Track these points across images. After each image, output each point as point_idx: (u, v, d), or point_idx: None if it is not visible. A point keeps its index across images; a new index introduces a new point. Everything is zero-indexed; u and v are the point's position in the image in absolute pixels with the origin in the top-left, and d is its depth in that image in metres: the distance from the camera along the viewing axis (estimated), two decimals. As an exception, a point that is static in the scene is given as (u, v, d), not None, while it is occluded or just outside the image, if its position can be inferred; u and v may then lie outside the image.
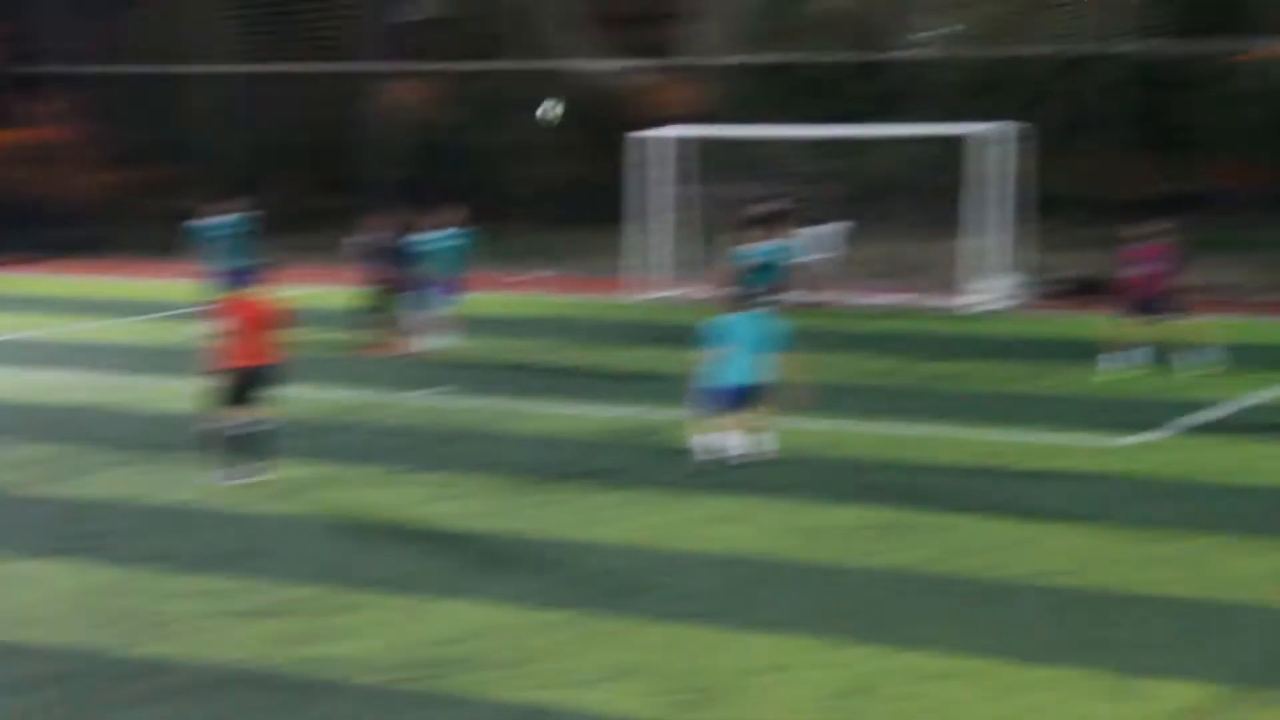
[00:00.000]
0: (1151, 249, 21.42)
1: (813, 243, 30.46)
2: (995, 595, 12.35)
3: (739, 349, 16.43)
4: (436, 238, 24.54)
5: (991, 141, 26.39)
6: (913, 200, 30.50)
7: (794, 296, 26.87)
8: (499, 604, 12.53)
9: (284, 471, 16.82)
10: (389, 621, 12.22)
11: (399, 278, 24.11)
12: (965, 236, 28.66)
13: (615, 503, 15.44)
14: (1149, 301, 21.03)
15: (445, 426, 19.03)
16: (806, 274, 29.93)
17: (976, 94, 33.11)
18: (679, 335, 24.51)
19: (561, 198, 35.50)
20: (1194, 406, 18.73)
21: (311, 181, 39.92)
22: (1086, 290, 27.97)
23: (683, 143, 30.27)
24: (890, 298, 27.87)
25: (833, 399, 19.88)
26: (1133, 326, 21.02)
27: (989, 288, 26.36)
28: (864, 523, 14.43)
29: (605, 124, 38.68)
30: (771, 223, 24.60)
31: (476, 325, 26.56)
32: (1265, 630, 11.37)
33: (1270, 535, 13.56)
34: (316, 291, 28.29)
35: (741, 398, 16.51)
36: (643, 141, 28.87)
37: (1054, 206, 33.82)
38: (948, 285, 27.85)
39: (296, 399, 19.54)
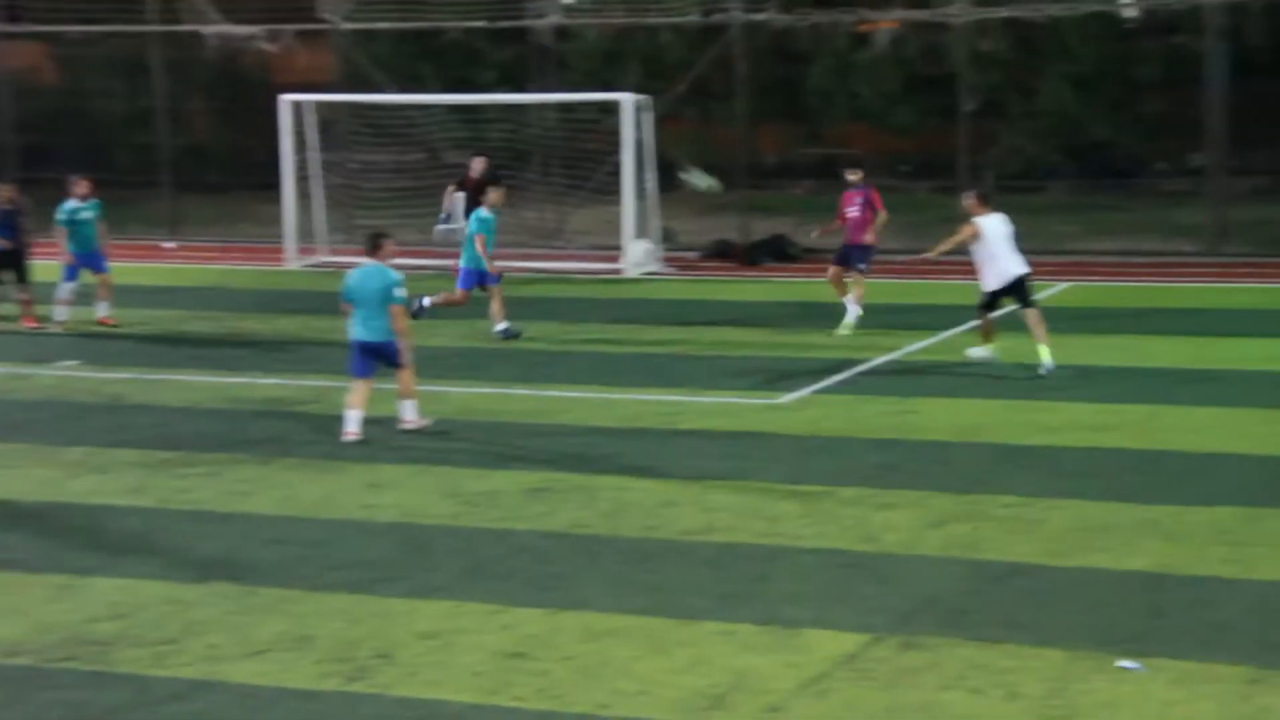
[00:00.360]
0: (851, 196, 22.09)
1: (455, 210, 30.51)
2: (654, 554, 12.58)
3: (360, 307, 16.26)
4: (73, 208, 23.46)
5: (625, 109, 26.76)
6: (549, 168, 30.78)
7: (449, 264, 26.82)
8: (150, 580, 12.17)
9: (-91, 450, 16.03)
10: (33, 602, 11.74)
11: (14, 248, 23.10)
12: (603, 204, 29.11)
13: (270, 473, 15.15)
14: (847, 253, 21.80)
15: (84, 401, 18.36)
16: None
17: (609, 62, 33.60)
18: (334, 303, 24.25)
19: (203, 164, 34.58)
20: (843, 365, 19.40)
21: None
22: (725, 254, 28.71)
23: (329, 108, 29.85)
24: (534, 263, 28.03)
25: (489, 364, 20.00)
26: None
27: (632, 253, 26.76)
28: (522, 486, 14.51)
29: (242, 89, 37.87)
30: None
31: (120, 295, 25.71)
32: (914, 578, 11.88)
33: (917, 488, 14.16)
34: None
35: (365, 358, 16.30)
36: (290, 106, 28.30)
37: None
38: (576, 249, 28.23)
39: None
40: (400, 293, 16.29)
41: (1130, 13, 33.20)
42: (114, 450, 16.04)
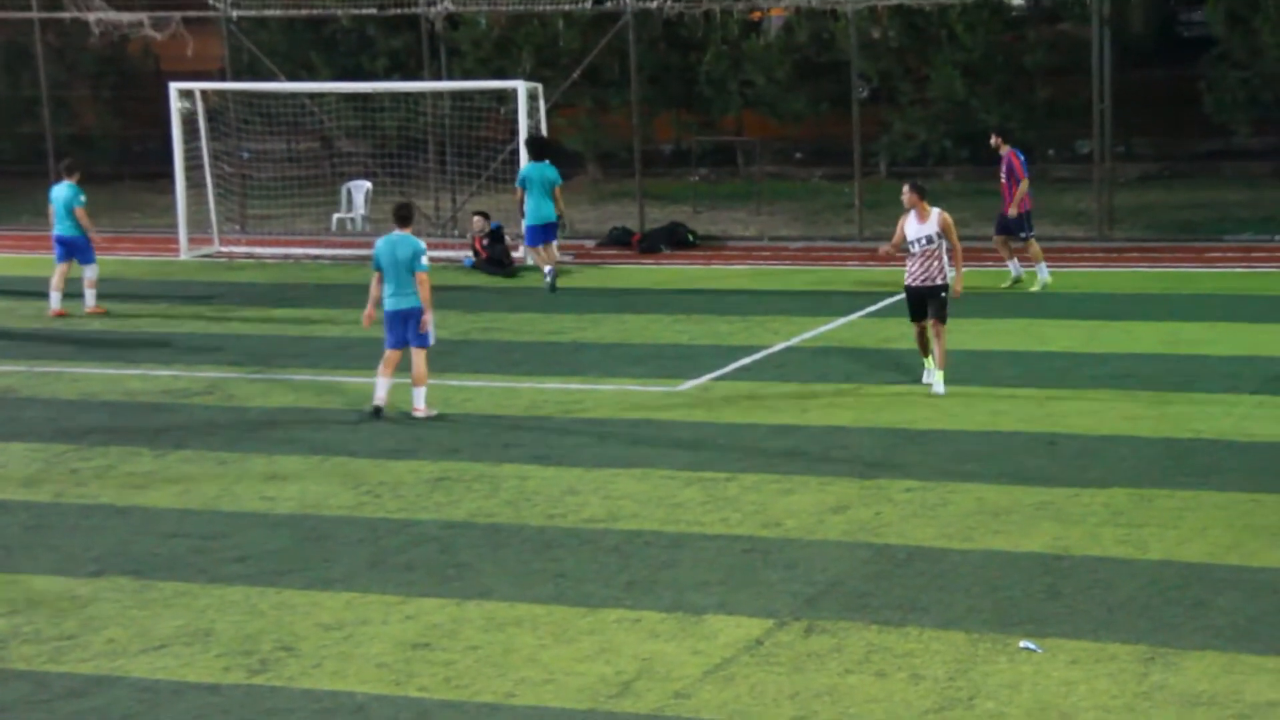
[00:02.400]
0: None
1: (345, 199, 30.32)
2: (558, 542, 12.58)
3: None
4: None
5: (517, 96, 26.68)
6: (443, 156, 30.62)
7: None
8: (45, 575, 12.02)
9: None
10: (-72, 600, 11.55)
11: None
12: (499, 192, 29.00)
13: (166, 465, 14.97)
14: None
15: (-30, 393, 18.06)
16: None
17: (501, 50, 33.46)
18: (234, 293, 24.01)
19: (90, 153, 34.03)
20: (742, 351, 19.47)
21: None
22: (622, 242, 28.70)
23: (216, 97, 29.51)
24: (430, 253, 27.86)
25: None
26: None
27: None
28: (424, 476, 14.45)
29: (129, 77, 37.34)
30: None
31: (6, 286, 25.31)
32: (817, 563, 11.96)
33: (818, 473, 14.25)
34: None
35: (395, 327, 16.58)
36: (180, 95, 27.94)
37: (575, 161, 34.64)
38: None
39: None
40: (425, 261, 16.40)
41: (1017, 1, 33.57)
42: (5, 444, 15.78)
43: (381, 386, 16.54)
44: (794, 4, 31.52)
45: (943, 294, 16.94)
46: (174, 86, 28.11)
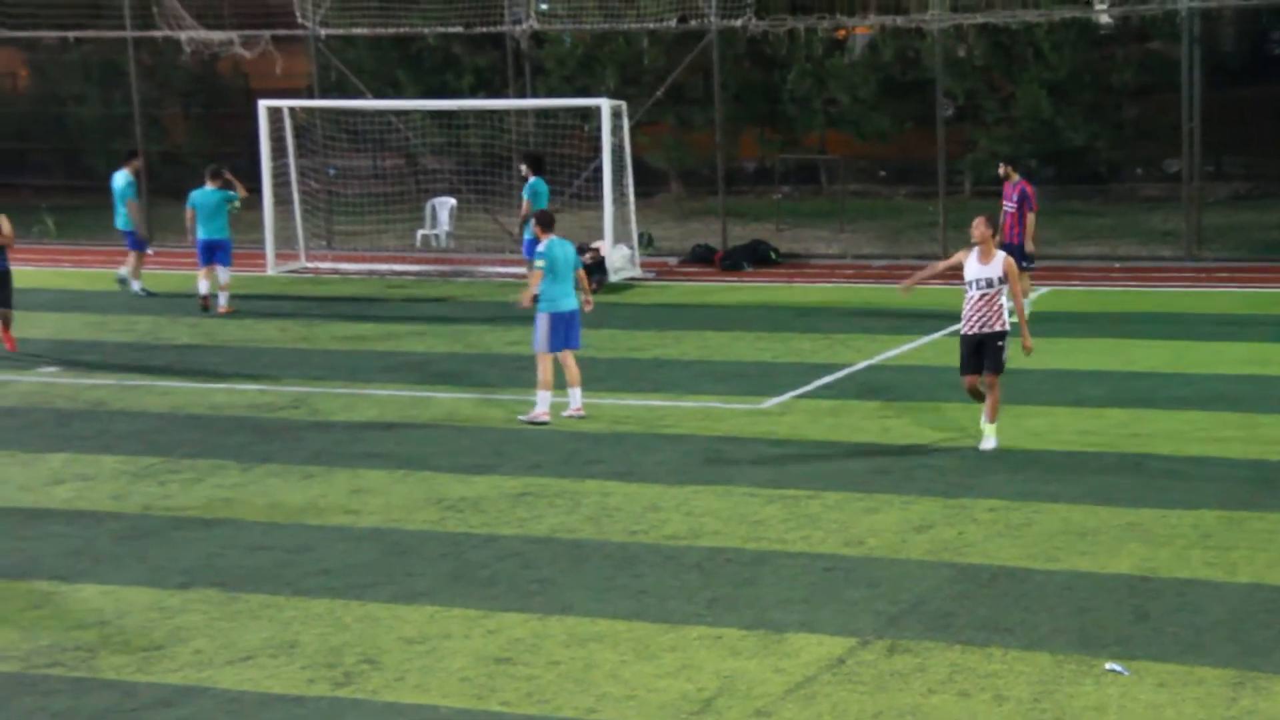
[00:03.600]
0: None
1: (430, 216, 30.53)
2: (640, 558, 12.58)
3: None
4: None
5: (603, 115, 26.77)
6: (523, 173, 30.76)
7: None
8: (134, 586, 12.16)
9: (-112, 457, 15.97)
10: (16, 609, 11.71)
11: None
12: (581, 209, 29.11)
13: (252, 479, 15.11)
14: None
15: (64, 407, 18.29)
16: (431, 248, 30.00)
17: (586, 68, 33.61)
18: (320, 308, 24.21)
19: (180, 170, 34.50)
20: (826, 369, 19.42)
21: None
22: (705, 259, 28.71)
23: (304, 114, 29.83)
24: (512, 269, 28.01)
25: (473, 370, 19.96)
26: None
27: (611, 258, 26.74)
28: (506, 491, 14.50)
29: (219, 95, 37.81)
30: None
31: (96, 301, 25.66)
32: (900, 582, 11.89)
33: (901, 492, 14.19)
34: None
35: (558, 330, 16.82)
36: (268, 112, 28.25)
37: (658, 179, 34.71)
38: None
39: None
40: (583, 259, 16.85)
41: (1105, 19, 33.32)
42: (96, 457, 15.99)
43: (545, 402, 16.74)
44: (879, 22, 31.43)
45: (999, 343, 15.27)
46: (263, 104, 28.42)
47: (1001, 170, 22.63)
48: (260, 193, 28.36)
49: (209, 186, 24.49)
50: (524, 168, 24.51)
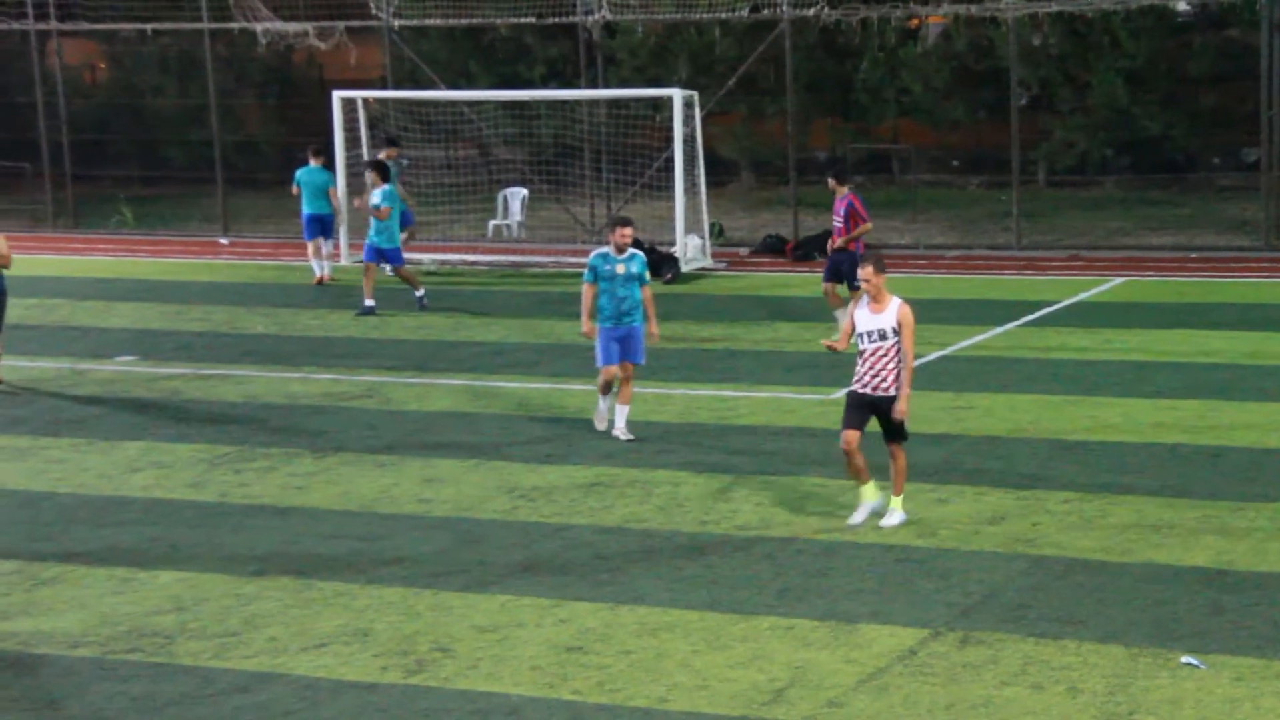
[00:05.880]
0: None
1: (502, 206, 30.63)
2: (711, 548, 12.58)
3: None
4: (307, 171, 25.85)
5: (675, 105, 26.75)
6: (598, 164, 30.79)
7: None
8: (210, 573, 12.28)
9: (-30, 444, 16.21)
10: (95, 595, 11.86)
11: None
12: (653, 200, 29.11)
13: (326, 467, 15.22)
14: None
15: (142, 395, 18.49)
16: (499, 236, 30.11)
17: (658, 58, 33.60)
18: (392, 298, 24.33)
19: (256, 160, 34.78)
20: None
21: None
22: (776, 250, 28.64)
23: (377, 105, 29.98)
24: (580, 259, 28.05)
25: (545, 360, 20.02)
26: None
27: (682, 249, 26.74)
28: (577, 481, 14.54)
29: (294, 86, 38.07)
30: None
31: (173, 291, 25.90)
32: (972, 573, 11.84)
33: (973, 483, 14.11)
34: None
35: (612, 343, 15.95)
36: (342, 103, 28.43)
37: (729, 169, 34.66)
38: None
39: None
40: (646, 274, 15.94)
41: (1183, 6, 32.97)
42: (173, 445, 16.15)
43: (607, 409, 16.18)
44: (953, 11, 31.24)
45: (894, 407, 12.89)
46: (337, 95, 28.59)
47: (830, 184, 21.54)
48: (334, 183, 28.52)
49: (312, 164, 26.01)
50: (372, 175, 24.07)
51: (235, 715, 9.76)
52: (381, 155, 26.27)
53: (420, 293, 23.55)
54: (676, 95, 26.97)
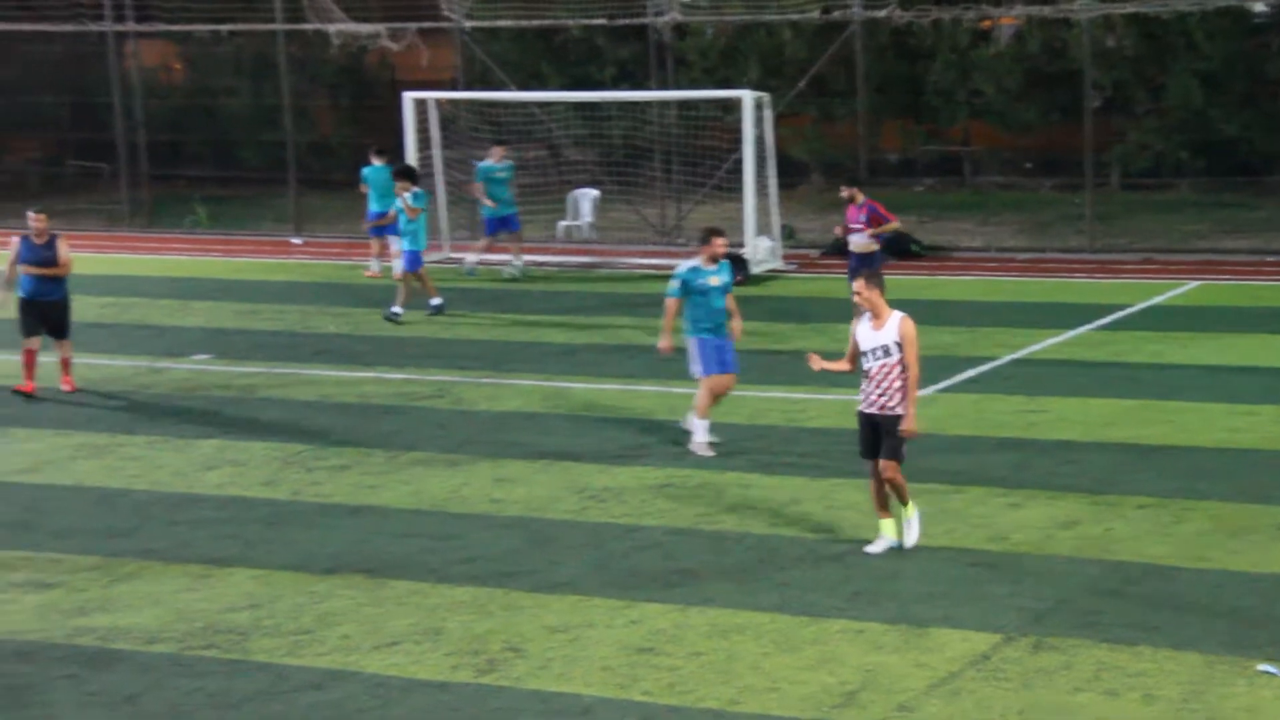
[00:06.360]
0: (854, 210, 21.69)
1: (572, 207, 30.70)
2: (778, 551, 12.57)
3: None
4: (488, 167, 26.25)
5: (745, 107, 26.72)
6: (669, 165, 30.81)
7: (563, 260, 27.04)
8: (282, 571, 12.39)
9: (54, 441, 16.38)
10: (172, 591, 11.99)
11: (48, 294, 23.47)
12: (723, 201, 29.09)
13: (398, 467, 15.31)
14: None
15: (216, 394, 18.65)
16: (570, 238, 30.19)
17: (728, 59, 33.56)
18: (463, 298, 24.46)
19: (328, 161, 35.00)
20: (969, 363, 19.24)
21: (54, 146, 38.68)
22: (843, 252, 28.51)
23: (449, 105, 30.12)
24: (655, 260, 28.08)
25: (615, 360, 20.05)
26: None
27: (753, 251, 26.70)
28: (647, 482, 14.56)
29: (366, 87, 38.30)
30: None
31: (246, 290, 26.10)
32: (1045, 578, 11.78)
33: (1046, 488, 14.03)
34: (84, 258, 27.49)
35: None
36: (414, 104, 28.58)
37: (799, 171, 34.57)
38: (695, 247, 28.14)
39: (57, 366, 18.97)
40: (672, 285, 15.66)
41: (1260, 7, 32.60)
42: (246, 443, 16.29)
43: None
44: (1026, 13, 31.05)
45: (900, 426, 12.52)
46: (408, 96, 28.74)
47: (845, 193, 21.27)
48: (429, 184, 28.67)
49: (376, 163, 26.23)
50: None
51: (309, 712, 9.84)
52: (491, 158, 26.49)
53: (437, 300, 23.12)
54: (747, 97, 26.93)
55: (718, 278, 15.58)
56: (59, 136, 38.44)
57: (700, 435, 15.55)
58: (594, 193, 30.91)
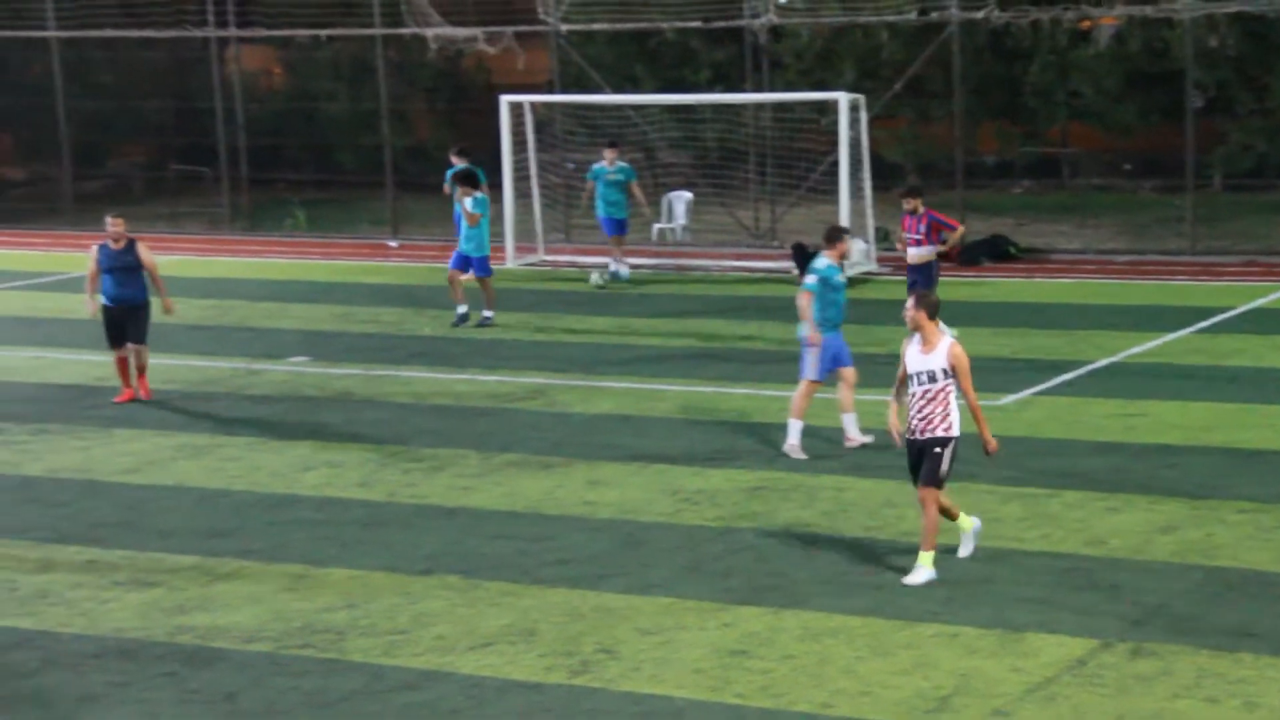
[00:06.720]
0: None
1: (666, 209, 30.72)
2: (872, 554, 12.52)
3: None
4: (599, 170, 26.51)
5: (840, 109, 26.62)
6: (763, 167, 30.75)
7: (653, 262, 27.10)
8: (379, 571, 12.49)
9: (155, 442, 16.61)
10: (270, 591, 12.12)
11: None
12: (817, 204, 29.00)
13: (492, 468, 15.39)
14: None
15: (313, 395, 18.84)
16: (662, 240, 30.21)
17: (823, 61, 33.45)
18: (557, 300, 24.58)
19: (425, 164, 35.24)
20: (1066, 366, 19.08)
21: (157, 150, 39.20)
22: (941, 255, 28.34)
23: (546, 109, 30.25)
24: (749, 263, 28.04)
25: (707, 363, 20.03)
26: None
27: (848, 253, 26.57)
28: (741, 485, 14.54)
29: (462, 90, 38.53)
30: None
31: (343, 292, 26.34)
32: (1144, 584, 11.66)
33: (1145, 492, 13.88)
34: (186, 261, 27.94)
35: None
36: (509, 107, 28.73)
37: (895, 173, 34.38)
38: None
39: (158, 368, 19.25)
40: (809, 280, 15.76)
41: (1368, 5, 32.06)
42: (343, 444, 16.44)
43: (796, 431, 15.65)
44: (1126, 13, 30.71)
45: (938, 449, 12.02)
46: (504, 99, 28.89)
47: (909, 205, 20.74)
48: (501, 187, 28.80)
49: (458, 163, 26.15)
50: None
51: (404, 712, 9.93)
52: (604, 161, 26.64)
53: (489, 314, 22.87)
54: (842, 99, 26.83)
55: (843, 275, 16.04)
56: (162, 141, 38.94)
57: (794, 437, 15.53)
58: (688, 195, 30.91)
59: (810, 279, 15.68)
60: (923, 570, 11.94)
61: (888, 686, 10.00)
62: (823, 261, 15.79)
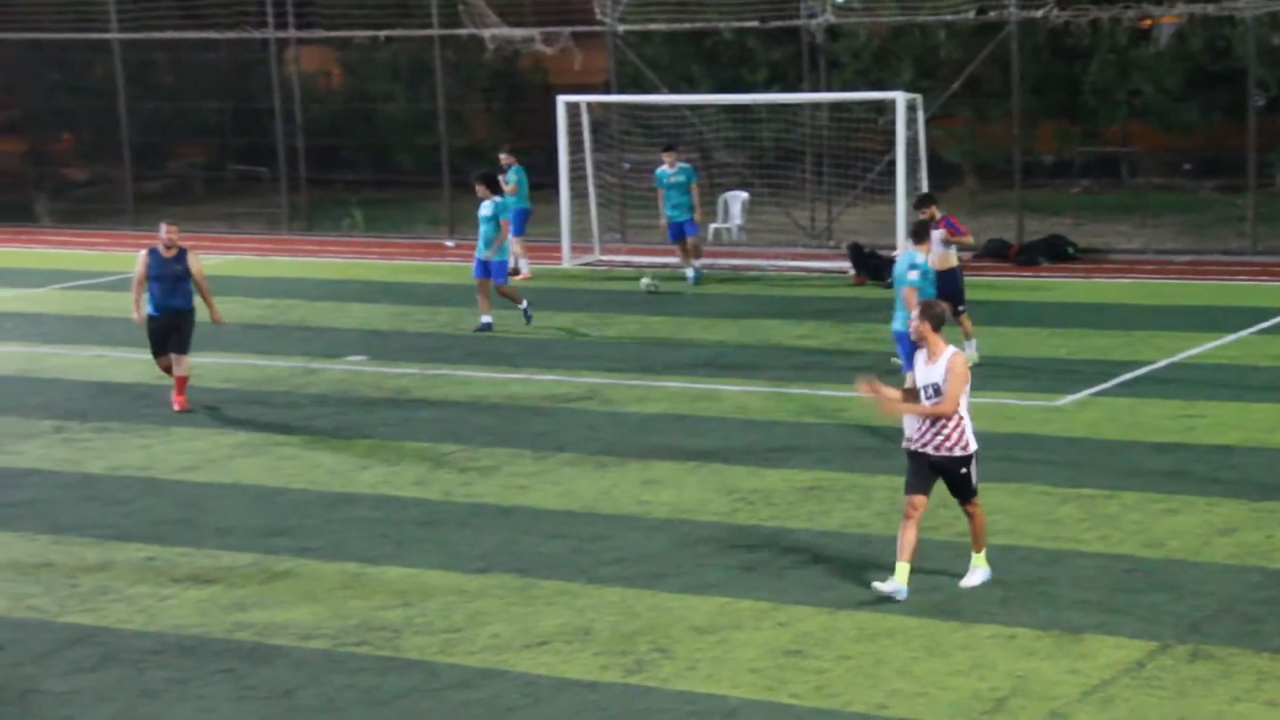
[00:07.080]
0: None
1: (722, 209, 30.72)
2: (931, 555, 12.45)
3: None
4: (661, 173, 26.52)
5: (898, 108, 26.53)
6: (820, 167, 30.68)
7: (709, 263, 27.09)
8: (435, 569, 12.55)
9: (214, 440, 16.74)
10: (327, 589, 12.20)
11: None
12: (874, 204, 28.93)
13: (548, 468, 15.43)
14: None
15: (370, 395, 18.93)
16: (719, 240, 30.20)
17: (880, 61, 33.34)
18: (613, 300, 24.62)
19: (481, 165, 35.29)
20: (1124, 367, 18.96)
21: (217, 151, 39.47)
22: (1000, 254, 28.25)
23: (602, 109, 30.29)
24: (806, 263, 27.98)
25: (764, 363, 20.01)
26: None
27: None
28: (796, 484, 14.52)
29: (519, 91, 38.63)
30: None
31: (400, 292, 26.47)
32: (1203, 585, 11.58)
33: (1204, 494, 13.78)
34: (244, 260, 28.18)
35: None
36: (566, 107, 28.79)
37: (952, 173, 34.23)
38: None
39: (217, 367, 19.40)
40: (912, 275, 16.00)
41: None
42: (399, 443, 16.52)
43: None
44: (1188, 11, 30.48)
45: (963, 470, 11.85)
46: (561, 100, 28.94)
47: (924, 214, 19.72)
48: (557, 186, 28.86)
49: (506, 163, 26.82)
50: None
51: (459, 710, 9.97)
52: (665, 164, 26.56)
53: (524, 304, 22.60)
54: (899, 98, 26.76)
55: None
56: (221, 141, 39.22)
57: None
58: (744, 195, 30.89)
59: (913, 274, 16.10)
60: (979, 571, 11.88)
61: (943, 688, 9.97)
62: (918, 256, 16.24)
